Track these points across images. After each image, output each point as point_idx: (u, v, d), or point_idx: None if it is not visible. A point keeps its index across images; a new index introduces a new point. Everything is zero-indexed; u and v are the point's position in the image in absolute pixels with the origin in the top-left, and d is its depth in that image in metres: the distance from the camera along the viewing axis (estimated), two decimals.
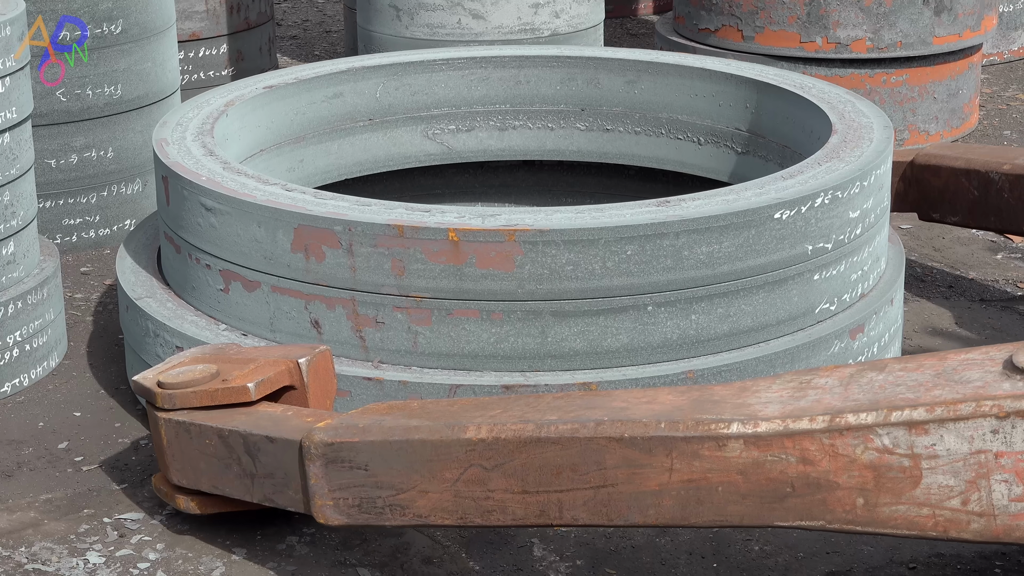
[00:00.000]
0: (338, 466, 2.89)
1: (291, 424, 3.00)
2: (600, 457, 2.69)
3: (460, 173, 4.69)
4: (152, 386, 3.14)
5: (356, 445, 2.87)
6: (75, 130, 4.76)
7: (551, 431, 2.72)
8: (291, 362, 3.13)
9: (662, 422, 2.66)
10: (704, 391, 2.76)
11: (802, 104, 4.05)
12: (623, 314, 3.26)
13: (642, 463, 2.67)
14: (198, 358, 3.21)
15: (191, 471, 3.13)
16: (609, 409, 2.74)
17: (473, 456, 2.77)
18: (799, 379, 2.73)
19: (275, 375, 3.11)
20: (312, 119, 4.33)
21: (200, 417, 3.08)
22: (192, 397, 3.10)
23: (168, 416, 3.11)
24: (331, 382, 3.19)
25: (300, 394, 3.14)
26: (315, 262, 3.32)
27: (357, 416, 2.94)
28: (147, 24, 4.84)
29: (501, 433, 2.75)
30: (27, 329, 3.89)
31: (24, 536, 3.24)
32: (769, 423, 2.61)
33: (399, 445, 2.83)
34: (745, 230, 3.29)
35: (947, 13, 5.72)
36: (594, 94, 4.49)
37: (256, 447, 3.00)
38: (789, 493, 2.61)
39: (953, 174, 4.33)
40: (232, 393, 3.08)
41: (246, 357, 3.18)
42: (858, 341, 3.50)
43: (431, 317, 3.27)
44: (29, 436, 3.67)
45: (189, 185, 3.51)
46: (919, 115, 5.81)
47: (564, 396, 2.85)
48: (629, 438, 2.66)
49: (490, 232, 3.21)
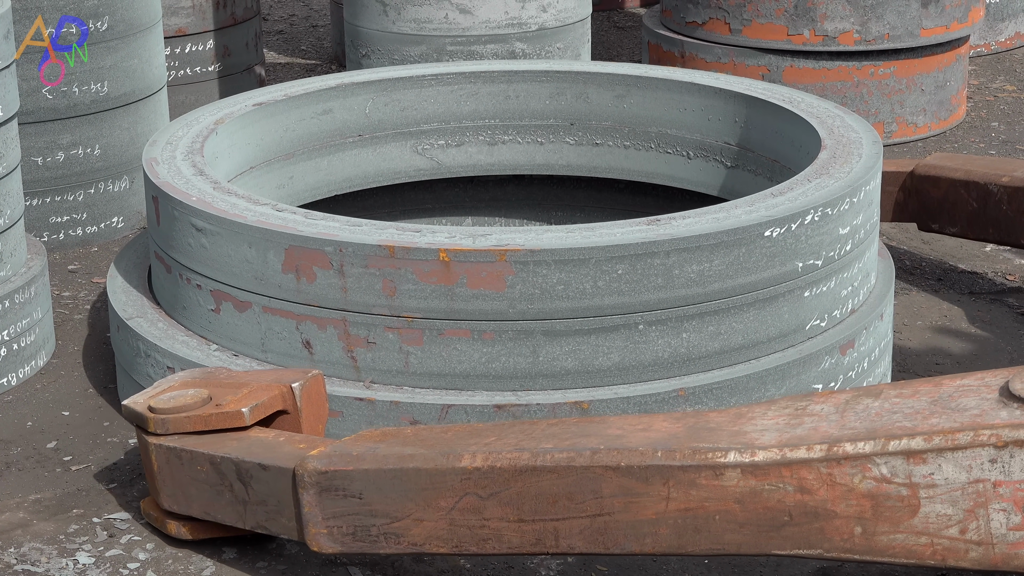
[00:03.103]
0: (332, 494, 2.88)
1: (284, 451, 2.98)
2: (596, 486, 2.68)
3: (450, 188, 4.69)
4: (143, 411, 3.12)
5: (350, 473, 2.85)
6: (62, 128, 4.76)
7: (547, 459, 2.71)
8: (284, 386, 3.12)
9: (658, 451, 2.65)
10: (700, 417, 2.75)
11: (791, 119, 4.06)
12: (614, 333, 3.27)
13: (639, 492, 2.66)
14: (188, 382, 3.19)
15: (182, 497, 3.11)
16: (605, 437, 2.73)
17: (468, 484, 2.76)
18: (794, 405, 2.73)
19: (269, 400, 3.10)
20: (302, 136, 4.34)
21: (192, 443, 3.06)
22: (185, 422, 3.08)
23: (159, 441, 3.09)
24: (323, 406, 3.19)
25: (293, 419, 3.13)
26: (306, 282, 3.32)
27: (350, 443, 2.92)
28: (133, 21, 4.84)
29: (496, 461, 2.74)
30: (15, 328, 3.89)
31: (13, 537, 3.24)
32: (766, 452, 2.60)
33: (393, 473, 2.81)
34: (735, 248, 3.29)
35: (934, 5, 5.73)
36: (583, 108, 4.50)
37: (249, 474, 2.98)
38: (787, 522, 2.61)
39: (953, 185, 4.33)
40: (226, 418, 3.06)
41: (238, 381, 3.16)
42: (848, 357, 3.50)
43: (422, 337, 3.28)
44: (17, 436, 3.67)
45: (179, 206, 3.51)
46: (907, 107, 5.82)
47: (559, 423, 2.84)
48: (626, 467, 2.66)
49: (481, 252, 3.21)
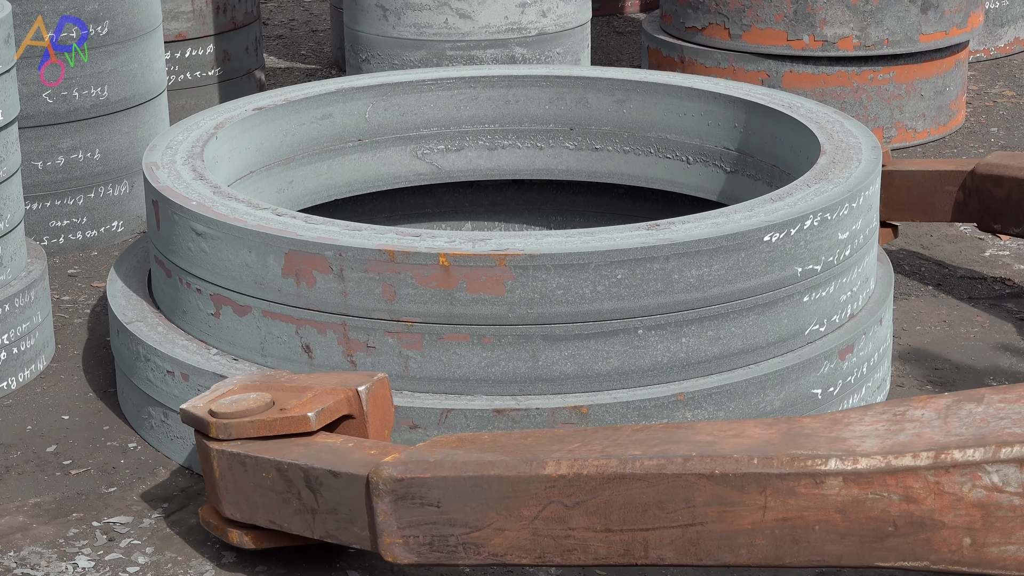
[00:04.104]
0: (408, 503, 2.77)
1: (355, 457, 2.88)
2: (689, 494, 2.58)
3: (450, 193, 4.70)
4: (204, 415, 3.00)
5: (427, 481, 2.75)
6: (62, 132, 4.77)
7: (636, 467, 2.60)
8: (350, 390, 3.03)
9: (755, 458, 2.55)
10: (792, 423, 2.65)
11: (790, 124, 4.06)
12: (614, 337, 3.27)
13: (734, 501, 2.56)
14: (248, 385, 3.10)
15: (246, 504, 3.00)
16: (695, 443, 2.63)
17: (553, 492, 2.66)
18: (892, 411, 2.63)
19: (334, 404, 3.00)
20: (302, 140, 4.34)
21: (256, 448, 2.95)
22: (249, 427, 2.97)
23: (222, 447, 2.98)
24: (389, 411, 3.10)
25: (358, 423, 3.04)
26: (306, 287, 3.33)
27: (426, 450, 2.82)
28: (133, 25, 4.85)
29: (583, 469, 2.64)
30: (15, 332, 3.89)
31: (13, 540, 3.24)
32: (869, 459, 2.50)
33: (474, 481, 2.71)
34: (735, 253, 3.30)
35: (934, 10, 5.74)
36: (583, 113, 4.50)
37: (318, 481, 2.88)
38: (891, 532, 2.51)
39: (1018, 184, 4.25)
40: (291, 423, 2.96)
41: (300, 385, 3.07)
42: (847, 361, 3.51)
43: (422, 341, 3.28)
44: (17, 440, 3.68)
45: (179, 210, 3.52)
46: (906, 112, 5.83)
47: (644, 429, 2.74)
48: (720, 474, 2.55)
49: (480, 257, 3.22)
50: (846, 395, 3.54)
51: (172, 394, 3.50)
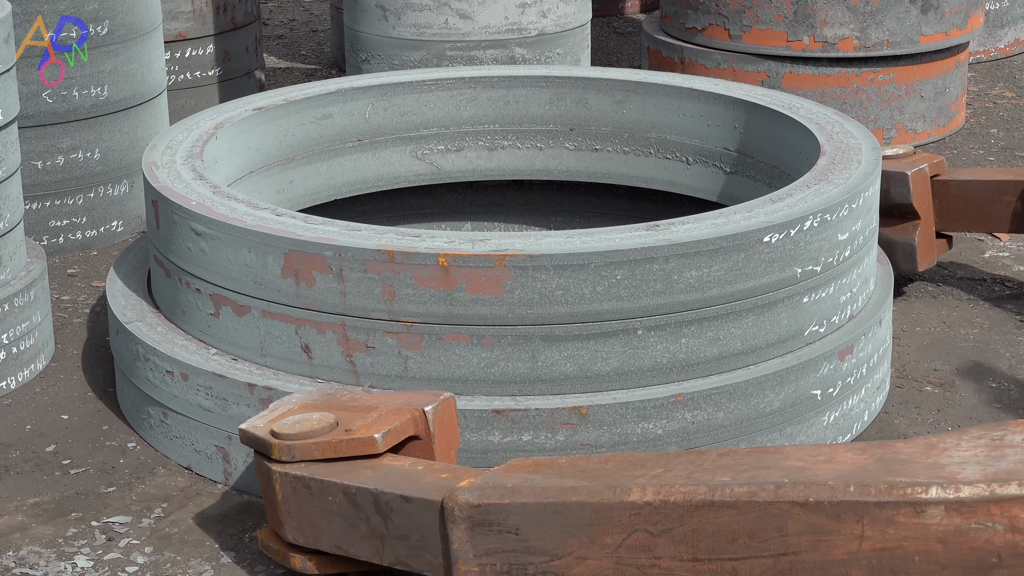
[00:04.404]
0: (485, 530, 2.68)
1: (426, 481, 2.79)
2: (781, 523, 2.49)
3: (450, 193, 4.70)
4: (265, 436, 2.92)
5: (506, 507, 2.66)
6: (61, 131, 4.77)
7: (726, 493, 2.51)
8: (416, 411, 2.95)
9: (851, 485, 2.46)
10: (886, 448, 2.57)
11: (790, 125, 4.06)
12: (613, 338, 3.27)
13: (829, 530, 2.47)
14: (308, 404, 3.02)
15: (310, 529, 2.91)
16: (786, 469, 2.54)
17: (638, 520, 2.57)
18: (989, 435, 2.55)
19: (401, 425, 2.92)
20: (301, 140, 4.34)
21: (321, 471, 2.86)
22: (313, 449, 2.88)
23: (285, 469, 2.89)
24: (455, 431, 3.03)
25: (425, 444, 2.96)
26: (305, 287, 3.33)
27: (502, 474, 2.73)
28: (133, 25, 4.85)
29: (669, 495, 2.55)
30: (14, 332, 3.89)
31: (12, 540, 3.24)
32: (972, 487, 2.40)
33: (554, 507, 2.62)
34: (734, 254, 3.30)
35: (934, 11, 5.74)
36: (583, 114, 4.50)
37: (388, 506, 2.79)
38: (995, 564, 2.41)
39: None
40: (358, 445, 2.87)
41: (364, 404, 2.99)
42: (847, 363, 3.51)
43: (421, 342, 3.28)
44: (16, 439, 3.68)
45: (179, 210, 3.52)
46: (906, 114, 5.83)
47: (729, 453, 2.66)
48: (815, 502, 2.46)
49: (480, 257, 3.22)
50: (846, 396, 3.54)
51: (171, 394, 3.50)
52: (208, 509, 3.36)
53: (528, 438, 3.24)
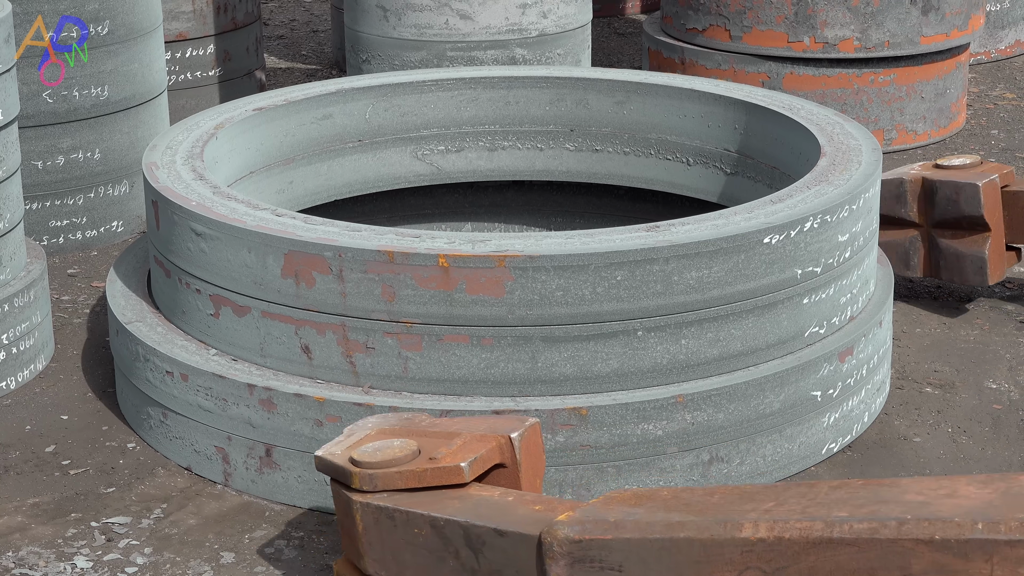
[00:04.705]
0: (586, 566, 2.56)
1: (520, 514, 2.67)
2: (904, 561, 2.38)
3: (450, 194, 4.70)
4: (345, 464, 2.80)
5: (608, 543, 2.54)
6: (62, 132, 4.77)
7: (844, 530, 2.41)
8: (502, 438, 2.83)
9: (979, 522, 2.35)
10: (1009, 481, 2.46)
11: (791, 126, 4.06)
12: (613, 339, 3.27)
13: (955, 569, 2.35)
14: (386, 430, 2.91)
15: (392, 562, 2.79)
16: (906, 504, 2.44)
17: (750, 558, 2.46)
18: None
19: (487, 453, 2.80)
20: (302, 140, 4.34)
21: (405, 502, 2.74)
22: (396, 478, 2.76)
23: (366, 499, 2.77)
24: (541, 459, 2.90)
25: (511, 473, 2.84)
26: (305, 287, 3.32)
27: (602, 508, 2.61)
28: (134, 25, 4.85)
29: (784, 532, 2.44)
30: (14, 332, 3.89)
31: (11, 541, 3.24)
32: None
33: (661, 544, 2.51)
34: (734, 255, 3.29)
35: (934, 12, 5.74)
36: (583, 114, 4.50)
37: (480, 540, 2.67)
38: None
39: None
40: (443, 474, 2.75)
41: (446, 431, 2.88)
42: (847, 364, 3.51)
43: (421, 343, 3.28)
44: (16, 439, 3.68)
45: (179, 210, 3.52)
46: (907, 115, 5.83)
47: (842, 486, 2.56)
48: (940, 540, 2.35)
49: (480, 258, 3.21)
50: (846, 397, 3.53)
51: (171, 394, 3.50)
52: (208, 510, 3.36)
53: None
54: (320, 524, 3.29)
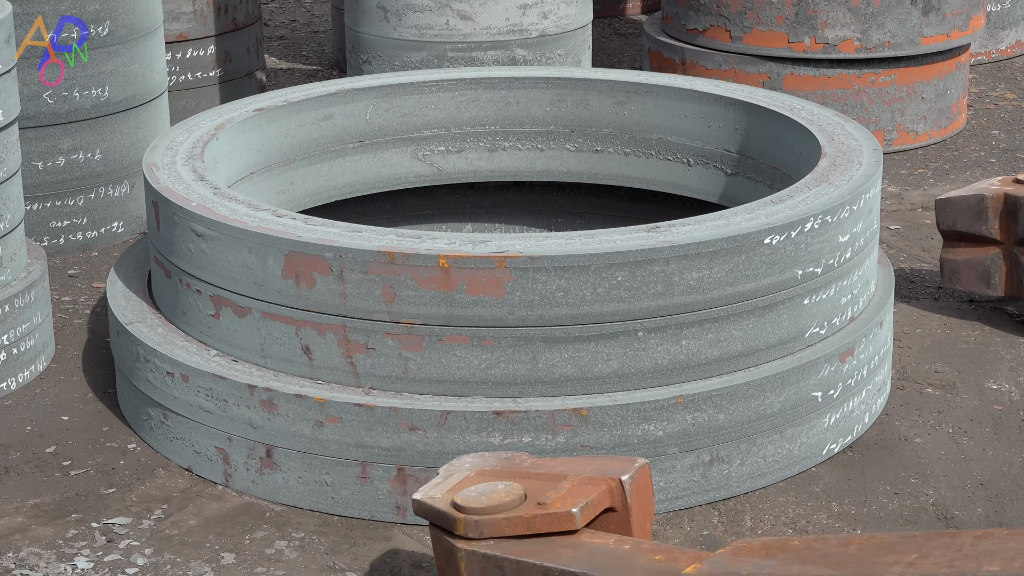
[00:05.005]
0: None
1: (639, 564, 2.53)
2: None
3: (450, 194, 4.70)
4: (447, 509, 2.65)
5: None
6: (62, 132, 4.77)
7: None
8: (612, 481, 2.68)
9: None
10: None
11: (791, 126, 4.06)
12: (614, 340, 3.27)
13: None
14: (487, 472, 2.76)
15: None
16: None
17: None
18: None
19: (597, 497, 2.66)
20: (302, 141, 4.34)
21: (515, 550, 2.59)
22: (504, 525, 2.61)
23: (472, 547, 2.61)
24: (650, 501, 2.76)
25: (621, 517, 2.70)
26: (306, 288, 3.32)
27: (731, 559, 2.47)
28: (135, 26, 4.85)
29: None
30: (14, 333, 3.89)
31: (12, 541, 3.24)
32: None
33: None
34: (735, 255, 3.29)
35: (935, 13, 5.74)
36: (584, 115, 4.50)
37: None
38: None
39: None
40: (554, 520, 2.60)
41: (551, 472, 2.74)
42: (848, 364, 3.50)
43: (422, 343, 3.28)
44: (16, 440, 3.68)
45: (180, 211, 3.51)
46: (907, 115, 5.83)
47: (986, 536, 2.42)
48: None
49: (480, 259, 3.21)
50: (846, 398, 3.53)
51: (172, 395, 3.50)
52: (208, 510, 3.36)
53: (528, 440, 3.24)
54: (320, 525, 3.29)
